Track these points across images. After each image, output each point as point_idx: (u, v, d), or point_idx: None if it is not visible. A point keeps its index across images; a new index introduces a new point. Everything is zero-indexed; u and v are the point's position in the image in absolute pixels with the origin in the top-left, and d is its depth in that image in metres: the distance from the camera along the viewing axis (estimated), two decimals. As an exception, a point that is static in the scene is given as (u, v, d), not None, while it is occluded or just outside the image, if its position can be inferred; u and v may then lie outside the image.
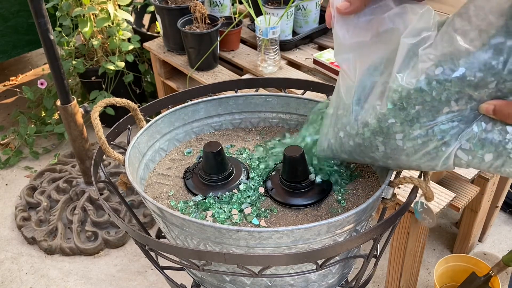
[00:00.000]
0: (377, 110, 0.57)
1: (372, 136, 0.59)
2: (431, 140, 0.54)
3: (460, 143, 0.53)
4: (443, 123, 0.53)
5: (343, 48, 0.61)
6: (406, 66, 0.54)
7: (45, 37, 1.43)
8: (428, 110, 0.53)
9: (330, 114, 0.67)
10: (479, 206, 1.42)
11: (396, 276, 1.30)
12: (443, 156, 0.55)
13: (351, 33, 0.60)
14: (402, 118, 0.55)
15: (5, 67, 2.80)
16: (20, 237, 1.74)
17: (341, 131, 0.63)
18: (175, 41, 1.75)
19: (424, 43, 0.53)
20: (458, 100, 0.51)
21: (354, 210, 0.59)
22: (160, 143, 0.83)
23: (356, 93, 0.60)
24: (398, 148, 0.57)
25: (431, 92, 0.52)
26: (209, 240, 0.61)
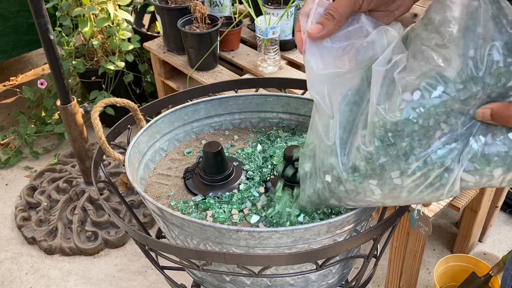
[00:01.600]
0: (364, 149, 0.52)
1: (365, 181, 0.53)
2: (432, 170, 0.50)
3: (463, 165, 0.49)
4: (439, 148, 0.49)
5: (317, 79, 0.56)
6: (385, 96, 0.50)
7: (45, 37, 1.43)
8: (419, 139, 0.49)
9: (309, 156, 0.60)
10: (479, 206, 1.42)
11: (396, 276, 1.30)
12: (447, 184, 0.50)
13: (325, 62, 0.55)
14: (394, 154, 0.50)
15: (5, 67, 2.80)
16: (20, 237, 1.74)
17: (327, 175, 0.56)
18: (175, 41, 1.75)
19: (397, 67, 0.50)
20: (447, 120, 0.48)
21: (354, 210, 0.59)
22: (160, 143, 0.83)
23: (337, 133, 0.54)
24: (397, 187, 0.52)
25: (418, 120, 0.48)
26: (209, 240, 0.61)
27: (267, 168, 0.77)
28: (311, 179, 0.60)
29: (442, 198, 0.52)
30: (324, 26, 0.54)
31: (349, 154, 0.54)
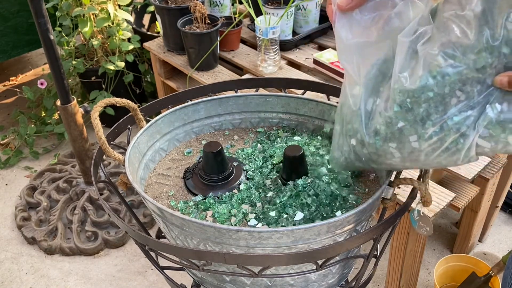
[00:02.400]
0: (385, 114, 0.55)
1: (385, 144, 0.56)
2: (448, 135, 0.52)
3: (479, 131, 0.51)
4: (456, 115, 0.51)
5: (346, 49, 0.59)
6: (407, 65, 0.53)
7: (45, 37, 1.43)
8: (436, 105, 0.51)
9: (340, 120, 0.64)
10: (479, 206, 1.42)
11: (396, 276, 1.30)
12: (463, 149, 0.52)
13: (354, 33, 0.58)
14: (412, 119, 0.53)
15: (5, 67, 2.80)
16: (20, 237, 1.74)
17: (352, 139, 0.60)
18: (175, 41, 1.75)
19: (422, 38, 0.52)
20: (463, 88, 0.50)
21: (354, 210, 0.59)
22: (160, 143, 0.83)
23: (363, 99, 0.58)
24: (415, 151, 0.55)
25: (434, 87, 0.50)
26: (209, 240, 0.61)
27: (267, 168, 0.77)
28: (339, 142, 0.63)
29: (458, 163, 0.54)
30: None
31: (372, 119, 0.57)
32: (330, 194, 0.68)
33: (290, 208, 0.66)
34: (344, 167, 0.66)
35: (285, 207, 0.67)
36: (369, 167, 0.63)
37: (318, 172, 0.71)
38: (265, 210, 0.67)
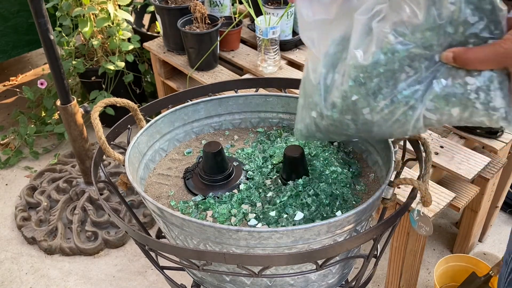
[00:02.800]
0: (341, 88, 0.58)
1: (341, 116, 0.60)
2: (398, 108, 0.56)
3: (425, 104, 0.55)
4: (405, 89, 0.55)
5: (307, 26, 0.61)
6: (362, 42, 0.56)
7: (45, 37, 1.43)
8: (386, 80, 0.55)
9: (303, 94, 0.66)
10: (479, 206, 1.42)
11: (396, 276, 1.30)
12: (412, 120, 0.56)
13: (315, 10, 0.60)
14: (365, 93, 0.57)
15: (5, 67, 2.80)
16: (20, 237, 1.74)
17: (313, 111, 0.64)
18: (175, 41, 1.75)
19: (377, 17, 0.55)
20: (411, 64, 0.53)
21: (354, 210, 0.59)
22: (160, 143, 0.83)
23: (323, 74, 0.61)
24: (368, 122, 0.59)
25: (384, 63, 0.54)
26: (209, 240, 0.61)
27: (267, 168, 0.77)
28: (302, 115, 0.66)
29: (408, 133, 0.59)
30: None
31: (330, 93, 0.60)
32: (330, 194, 0.68)
33: (290, 208, 0.66)
34: (306, 138, 0.69)
35: (285, 207, 0.67)
36: (328, 138, 0.67)
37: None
38: (265, 210, 0.67)
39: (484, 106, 0.53)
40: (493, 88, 0.52)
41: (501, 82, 0.52)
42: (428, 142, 0.70)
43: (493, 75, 0.52)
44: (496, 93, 0.52)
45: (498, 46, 0.50)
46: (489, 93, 0.52)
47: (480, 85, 0.52)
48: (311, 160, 0.76)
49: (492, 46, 0.50)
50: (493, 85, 0.52)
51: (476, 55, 0.51)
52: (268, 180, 0.74)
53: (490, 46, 0.50)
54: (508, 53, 0.49)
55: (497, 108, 0.52)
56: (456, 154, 1.23)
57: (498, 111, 0.52)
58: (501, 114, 0.52)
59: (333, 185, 0.70)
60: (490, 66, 0.51)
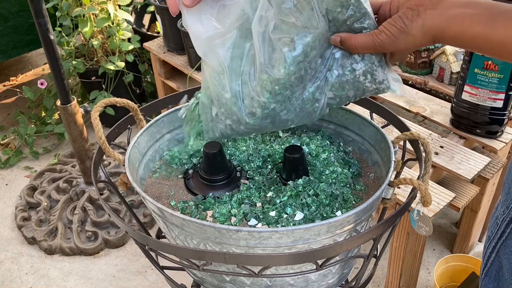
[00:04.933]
0: (258, 99, 0.63)
1: (261, 121, 0.65)
2: (307, 103, 0.64)
3: (326, 95, 0.64)
4: (310, 87, 0.62)
5: (201, 42, 0.63)
6: (268, 55, 0.60)
7: (45, 37, 1.43)
8: (297, 84, 0.61)
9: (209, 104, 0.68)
10: (479, 206, 1.42)
11: (396, 276, 1.30)
12: (318, 110, 0.65)
13: (205, 26, 0.62)
14: (281, 100, 0.63)
15: (5, 67, 2.80)
16: (20, 237, 1.74)
17: (227, 120, 0.67)
18: (175, 41, 1.75)
19: (270, 26, 0.59)
20: (311, 66, 0.60)
21: (354, 210, 0.59)
22: (160, 143, 0.83)
23: (231, 86, 0.64)
24: (284, 121, 0.65)
25: (294, 72, 0.60)
26: (209, 240, 0.61)
27: (267, 168, 0.77)
28: (214, 122, 0.69)
29: (315, 119, 0.67)
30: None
31: (245, 102, 0.64)
32: (330, 194, 0.68)
33: (290, 208, 0.66)
34: (218, 139, 0.73)
35: (285, 207, 0.67)
36: (243, 137, 0.73)
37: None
38: (265, 210, 0.67)
39: (372, 83, 0.62)
40: (375, 67, 0.61)
41: (379, 60, 0.61)
42: (428, 142, 0.71)
43: (372, 57, 0.61)
44: (378, 69, 0.61)
45: (375, 36, 0.57)
46: (373, 72, 0.61)
47: (365, 68, 0.61)
48: (311, 160, 0.76)
49: (371, 35, 0.58)
50: (374, 65, 0.61)
51: (358, 41, 0.58)
52: (268, 180, 0.74)
53: (368, 35, 0.58)
54: (382, 43, 0.57)
55: (382, 81, 0.62)
56: (456, 154, 1.23)
57: (383, 82, 0.62)
58: (385, 84, 0.62)
59: (333, 185, 0.70)
60: (369, 51, 0.59)
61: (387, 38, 0.57)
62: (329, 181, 0.71)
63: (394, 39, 0.56)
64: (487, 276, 0.66)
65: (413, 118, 1.50)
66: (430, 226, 0.70)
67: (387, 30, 0.56)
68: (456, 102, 1.29)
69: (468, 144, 1.31)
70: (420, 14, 0.54)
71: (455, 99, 1.29)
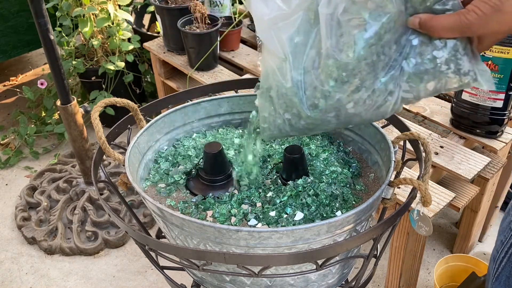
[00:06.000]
0: (321, 89, 0.57)
1: (323, 115, 0.59)
2: (379, 96, 0.57)
3: (401, 86, 0.56)
4: (383, 77, 0.56)
5: (265, 25, 0.59)
6: (335, 38, 0.55)
7: (45, 37, 1.43)
8: (368, 73, 0.55)
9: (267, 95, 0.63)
10: (479, 206, 1.42)
11: (396, 276, 1.30)
12: (391, 104, 0.58)
13: (270, 6, 0.58)
14: (348, 90, 0.56)
15: (5, 67, 2.80)
16: (20, 237, 1.74)
17: (286, 113, 0.62)
18: (175, 41, 1.75)
19: (339, 9, 0.54)
20: (384, 51, 0.54)
21: (354, 210, 0.59)
22: (160, 143, 0.83)
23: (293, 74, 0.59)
24: (350, 115, 0.59)
25: (365, 57, 0.54)
26: (209, 240, 0.61)
27: (267, 168, 0.77)
28: (270, 118, 0.64)
29: (386, 116, 0.60)
30: None
31: (307, 93, 0.59)
32: (330, 194, 0.68)
33: (290, 208, 0.66)
34: (276, 137, 0.68)
35: (285, 207, 0.67)
36: (304, 134, 0.65)
37: None
38: (265, 210, 0.67)
39: (455, 73, 0.55)
40: (460, 56, 0.54)
41: (465, 48, 0.54)
42: (428, 142, 0.71)
43: (456, 44, 0.54)
44: (463, 58, 0.54)
45: (462, 16, 0.50)
46: (457, 61, 0.54)
47: (448, 56, 0.54)
48: (311, 160, 0.76)
49: (457, 15, 0.51)
50: (458, 53, 0.54)
51: (441, 23, 0.52)
52: (268, 180, 0.74)
53: (454, 15, 0.51)
54: (471, 24, 0.50)
55: (467, 72, 0.55)
56: (456, 154, 1.23)
57: (469, 74, 0.55)
58: (471, 76, 0.55)
59: (333, 185, 0.70)
60: (453, 34, 0.53)
61: (477, 18, 0.49)
62: (329, 181, 0.71)
63: (485, 18, 0.49)
64: (497, 280, 0.66)
65: (413, 118, 1.50)
66: (430, 226, 0.70)
67: (477, 9, 0.49)
68: (456, 102, 1.29)
69: (468, 144, 1.31)
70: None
71: (455, 99, 1.29)
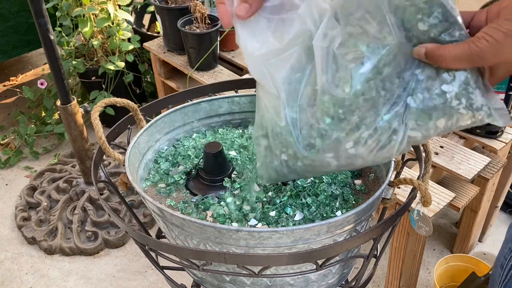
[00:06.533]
0: (317, 127, 0.53)
1: (321, 155, 0.55)
2: (382, 135, 0.52)
3: (407, 125, 0.52)
4: (385, 114, 0.51)
5: (255, 60, 0.56)
6: (331, 73, 0.51)
7: (45, 37, 1.43)
8: (367, 109, 0.51)
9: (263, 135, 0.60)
10: (479, 206, 1.42)
11: (396, 276, 1.30)
12: (397, 144, 0.53)
13: (260, 41, 0.55)
14: (347, 128, 0.52)
15: (5, 67, 2.80)
16: (20, 237, 1.74)
17: (283, 154, 0.58)
18: (175, 41, 1.75)
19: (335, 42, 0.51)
20: (384, 86, 0.50)
21: (354, 210, 0.59)
22: (160, 143, 0.83)
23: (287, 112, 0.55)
24: (351, 156, 0.55)
25: (362, 92, 0.50)
26: (209, 240, 0.61)
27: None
28: (268, 158, 0.61)
29: (392, 157, 0.55)
30: (250, 3, 0.54)
31: (302, 132, 0.55)
32: (330, 194, 0.68)
33: (290, 208, 0.66)
34: (276, 181, 0.64)
35: (285, 207, 0.67)
36: (304, 177, 0.62)
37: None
38: (265, 210, 0.67)
39: (467, 109, 0.50)
40: (471, 89, 0.50)
41: (476, 81, 0.50)
42: (428, 142, 0.70)
43: (467, 76, 0.49)
44: (475, 92, 0.50)
45: (472, 44, 0.47)
46: (469, 95, 0.50)
47: (458, 90, 0.50)
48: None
49: (466, 44, 0.47)
50: (470, 86, 0.50)
51: (450, 52, 0.48)
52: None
53: (464, 43, 0.47)
54: (482, 52, 0.46)
55: (480, 107, 0.50)
56: (456, 154, 1.23)
57: (482, 109, 0.51)
58: (485, 112, 0.51)
59: (333, 185, 0.70)
60: (463, 64, 0.48)
61: (488, 46, 0.46)
62: (329, 181, 0.71)
63: (497, 46, 0.45)
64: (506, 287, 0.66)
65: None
66: (430, 226, 0.70)
67: (488, 36, 0.46)
68: (456, 102, 1.29)
69: (468, 144, 1.31)
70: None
71: (455, 99, 1.29)
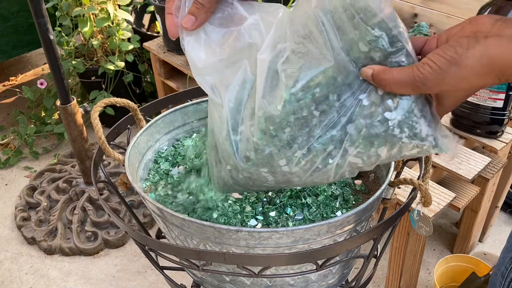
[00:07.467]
0: (252, 140, 0.53)
1: (257, 169, 0.55)
2: (316, 156, 0.51)
3: (347, 151, 0.50)
4: (320, 136, 0.50)
5: (202, 71, 0.56)
6: (269, 88, 0.50)
7: (45, 37, 1.43)
8: (299, 129, 0.50)
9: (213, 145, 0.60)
10: (479, 206, 1.42)
11: (396, 276, 1.30)
12: (333, 168, 0.52)
13: (207, 52, 0.55)
14: (278, 145, 0.51)
15: (5, 67, 2.80)
16: (20, 237, 1.74)
17: (227, 165, 0.58)
18: (175, 41, 1.75)
19: (281, 57, 0.49)
20: (318, 107, 0.49)
21: (354, 210, 0.59)
22: (160, 143, 0.83)
23: (229, 123, 0.55)
24: (287, 174, 0.54)
25: (293, 112, 0.49)
26: (209, 240, 0.61)
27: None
28: (217, 168, 0.61)
29: (330, 180, 0.54)
30: (196, 15, 0.54)
31: (240, 144, 0.55)
32: (330, 194, 0.68)
33: (290, 208, 0.66)
34: (226, 191, 0.64)
35: (285, 207, 0.67)
36: (248, 191, 0.61)
37: None
38: (265, 210, 0.67)
39: (411, 139, 0.48)
40: (416, 118, 0.47)
41: (421, 110, 0.47)
42: (428, 142, 0.70)
43: (412, 104, 0.47)
44: (420, 121, 0.47)
45: (416, 69, 0.45)
46: (412, 124, 0.47)
47: (401, 118, 0.47)
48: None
49: (411, 68, 0.45)
50: (413, 115, 0.47)
51: (393, 76, 0.46)
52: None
53: (408, 68, 0.45)
54: (425, 79, 0.44)
55: (425, 138, 0.48)
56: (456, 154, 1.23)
57: (427, 140, 0.48)
58: (430, 142, 0.48)
59: (333, 185, 0.70)
60: (406, 90, 0.46)
61: (432, 73, 0.44)
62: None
63: (440, 73, 0.43)
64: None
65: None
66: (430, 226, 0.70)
67: (431, 62, 0.44)
68: (456, 102, 1.29)
69: (468, 144, 1.31)
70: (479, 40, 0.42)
71: (455, 99, 1.29)
